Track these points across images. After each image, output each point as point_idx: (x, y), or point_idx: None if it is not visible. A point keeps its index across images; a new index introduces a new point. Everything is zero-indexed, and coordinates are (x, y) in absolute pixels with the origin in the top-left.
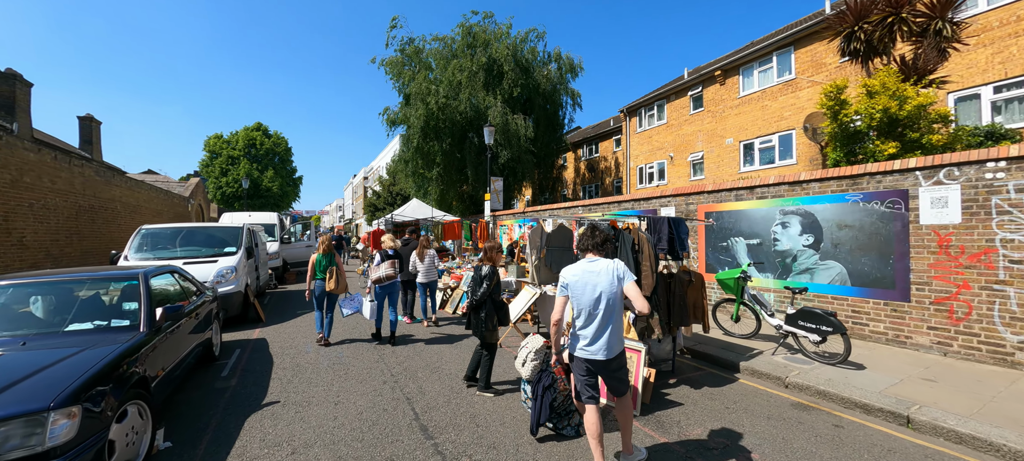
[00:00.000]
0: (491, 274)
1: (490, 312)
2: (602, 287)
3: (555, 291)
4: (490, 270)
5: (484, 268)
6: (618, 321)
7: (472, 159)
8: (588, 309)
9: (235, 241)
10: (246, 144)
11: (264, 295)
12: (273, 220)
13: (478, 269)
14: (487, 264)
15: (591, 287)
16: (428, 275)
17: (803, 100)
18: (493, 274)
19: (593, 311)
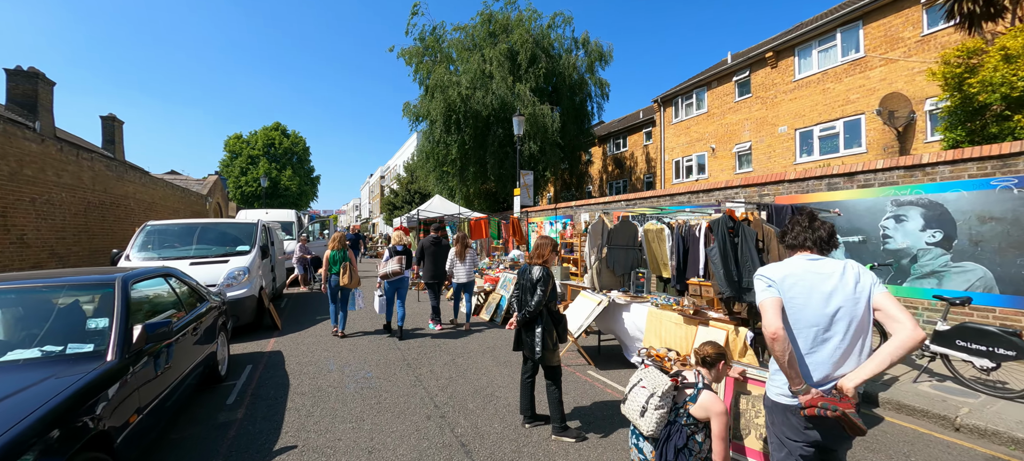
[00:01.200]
0: (545, 279)
1: (548, 327)
2: (840, 297)
3: (626, 298)
4: (543, 274)
5: (535, 270)
6: (862, 352)
7: (496, 153)
8: (816, 329)
9: (249, 239)
10: (265, 144)
11: (281, 297)
12: (291, 217)
13: (525, 272)
14: (538, 264)
15: (821, 296)
16: (468, 275)
17: (874, 81)
18: (548, 279)
19: (825, 333)
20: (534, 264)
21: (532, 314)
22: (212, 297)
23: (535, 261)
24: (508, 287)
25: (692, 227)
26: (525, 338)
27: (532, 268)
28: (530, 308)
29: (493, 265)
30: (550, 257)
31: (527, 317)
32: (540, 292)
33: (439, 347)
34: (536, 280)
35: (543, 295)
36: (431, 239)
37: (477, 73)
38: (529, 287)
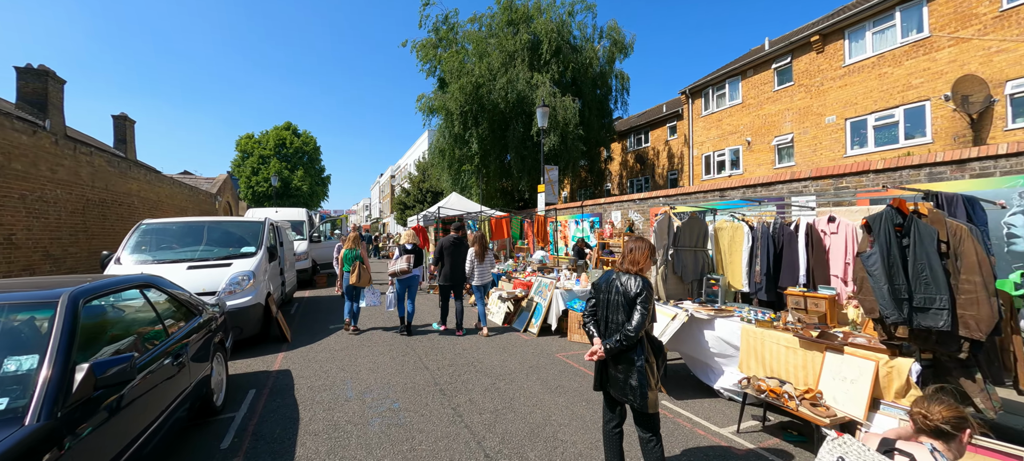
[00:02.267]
0: (647, 294)
1: (648, 360)
2: None
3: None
4: (643, 287)
5: (631, 282)
6: None
7: (516, 148)
8: None
9: (254, 239)
10: (276, 144)
11: (291, 302)
12: (302, 216)
13: (612, 283)
14: (632, 272)
15: None
16: (486, 277)
17: (942, 63)
18: (650, 295)
19: None
20: (627, 272)
21: (631, 341)
22: (207, 309)
23: (628, 268)
24: (544, 293)
25: (785, 224)
26: (615, 374)
27: (626, 278)
28: (630, 333)
29: (518, 267)
30: (647, 265)
31: (622, 346)
32: (640, 311)
33: (473, 366)
34: (635, 295)
35: (644, 316)
36: (451, 239)
37: (495, 63)
38: (623, 304)
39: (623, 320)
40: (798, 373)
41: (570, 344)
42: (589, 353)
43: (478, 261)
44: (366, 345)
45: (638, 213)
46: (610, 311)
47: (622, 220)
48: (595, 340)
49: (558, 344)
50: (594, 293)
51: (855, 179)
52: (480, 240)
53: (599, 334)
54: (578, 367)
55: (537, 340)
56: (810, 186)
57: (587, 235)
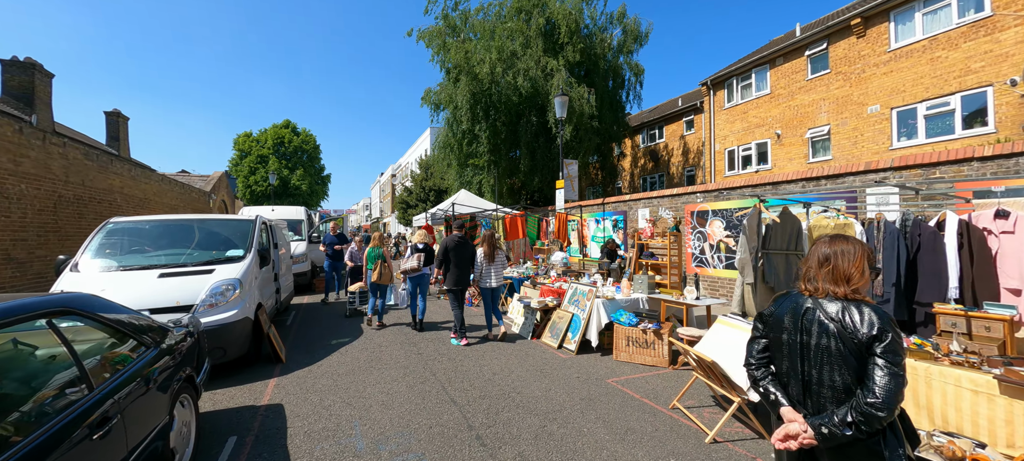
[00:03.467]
0: (892, 338)
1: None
2: None
3: None
4: (881, 323)
5: (855, 314)
6: None
7: (528, 142)
8: None
9: (242, 241)
10: (275, 142)
11: (287, 311)
12: (300, 215)
13: (807, 312)
14: (846, 298)
15: None
16: (498, 279)
17: (1007, 44)
18: (896, 338)
19: None
20: (833, 296)
21: (877, 425)
22: (172, 333)
23: (832, 290)
24: (582, 302)
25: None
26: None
27: (837, 308)
28: (875, 410)
29: (539, 270)
30: (864, 282)
31: (858, 432)
32: (888, 370)
33: (511, 398)
34: (870, 339)
35: (897, 378)
36: (456, 239)
37: (506, 52)
38: (843, 353)
39: (848, 382)
40: (998, 430)
41: (619, 365)
42: (779, 436)
43: (487, 262)
44: (375, 365)
45: (669, 211)
46: (811, 364)
47: (650, 218)
48: (786, 412)
49: (604, 365)
50: (762, 329)
51: (954, 168)
52: (489, 239)
53: (791, 401)
54: (640, 398)
55: (577, 359)
56: (891, 177)
57: (609, 235)
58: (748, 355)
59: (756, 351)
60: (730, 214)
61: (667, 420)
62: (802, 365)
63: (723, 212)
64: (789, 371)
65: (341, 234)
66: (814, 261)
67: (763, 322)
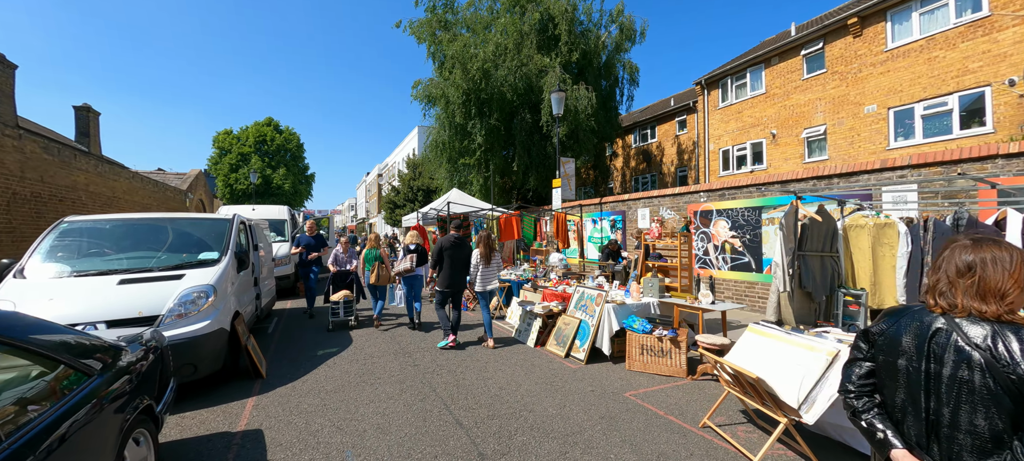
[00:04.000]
0: None
1: None
2: None
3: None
4: None
5: (1013, 342)
6: None
7: (522, 140)
8: None
9: (218, 242)
10: (256, 140)
11: (269, 316)
12: (283, 215)
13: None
14: (998, 319)
15: None
16: (490, 282)
17: (1005, 44)
18: None
19: None
20: (979, 315)
21: None
22: (125, 353)
23: (979, 308)
24: (590, 307)
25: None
26: None
27: (982, 332)
28: None
29: (537, 272)
30: (1020, 302)
31: None
32: None
33: (523, 417)
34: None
35: None
36: (452, 239)
37: (500, 46)
38: (992, 391)
39: (998, 429)
40: None
41: (633, 376)
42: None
43: (484, 263)
44: (368, 380)
45: (671, 210)
46: (941, 400)
47: (658, 218)
48: (900, 456)
49: (618, 376)
50: (867, 350)
51: (978, 165)
52: (486, 240)
53: (907, 443)
54: (665, 415)
55: (587, 369)
56: (909, 175)
57: (608, 236)
58: (845, 380)
59: (857, 376)
60: (736, 214)
61: (700, 442)
62: (927, 400)
63: (728, 212)
64: (907, 405)
65: (320, 236)
66: (951, 270)
67: (869, 341)
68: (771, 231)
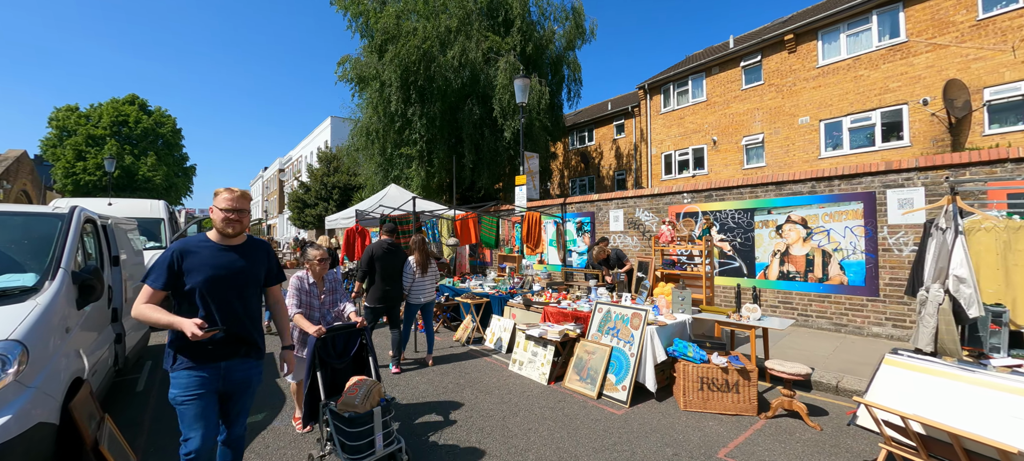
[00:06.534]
0: None
1: None
2: None
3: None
4: None
5: None
6: None
7: (471, 134)
8: None
9: (37, 255)
10: (114, 121)
11: (139, 362)
12: (157, 212)
13: None
14: None
15: None
16: (425, 294)
17: (919, 68)
18: None
19: None
20: None
21: None
22: None
23: None
24: (623, 331)
25: None
26: None
27: None
28: None
29: (515, 283)
30: None
31: None
32: None
33: None
34: None
35: None
36: (384, 246)
37: (442, 24)
38: None
39: None
40: None
41: (696, 420)
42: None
43: (421, 272)
44: None
45: (649, 212)
46: None
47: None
48: None
49: (682, 422)
50: None
51: (986, 169)
52: (420, 246)
53: None
54: None
55: (635, 414)
56: (916, 177)
57: (573, 240)
58: None
59: None
60: (725, 216)
61: None
62: None
63: (717, 214)
64: None
65: None
66: None
67: None
68: (765, 234)
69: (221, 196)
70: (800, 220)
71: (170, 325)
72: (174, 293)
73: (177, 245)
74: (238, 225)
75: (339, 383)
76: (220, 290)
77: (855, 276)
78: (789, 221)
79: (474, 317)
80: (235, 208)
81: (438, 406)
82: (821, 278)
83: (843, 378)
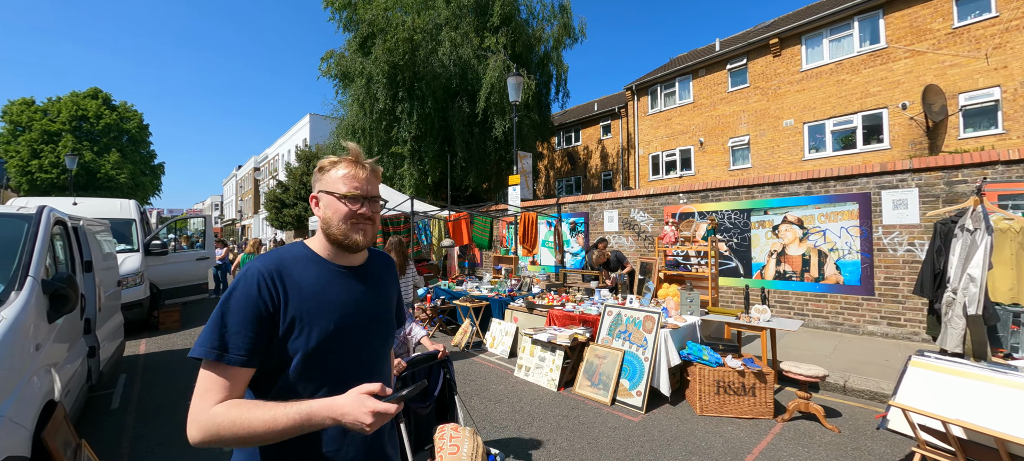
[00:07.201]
0: None
1: None
2: None
3: None
4: None
5: None
6: None
7: (461, 132)
8: None
9: (7, 260)
10: (74, 116)
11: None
12: (129, 212)
13: None
14: None
15: None
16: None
17: (898, 74)
18: None
19: None
20: None
21: None
22: None
23: None
24: (635, 334)
25: None
26: None
27: None
28: None
29: (515, 286)
30: None
31: None
32: None
33: None
34: None
35: None
36: None
37: (431, 20)
38: None
39: None
40: None
41: (714, 425)
42: None
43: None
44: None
45: (645, 212)
46: None
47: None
48: None
49: (702, 428)
50: None
51: (978, 171)
52: (397, 248)
53: None
54: None
55: (652, 420)
56: (910, 179)
57: (568, 241)
58: None
59: None
60: (722, 216)
61: None
62: None
63: (715, 215)
64: None
65: None
66: None
67: None
68: (761, 235)
69: (339, 171)
70: (796, 220)
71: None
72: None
73: (262, 267)
74: (371, 230)
75: (422, 435)
76: (352, 352)
77: (851, 276)
78: (785, 221)
79: (474, 321)
80: (367, 194)
81: None
82: (817, 278)
83: (849, 378)
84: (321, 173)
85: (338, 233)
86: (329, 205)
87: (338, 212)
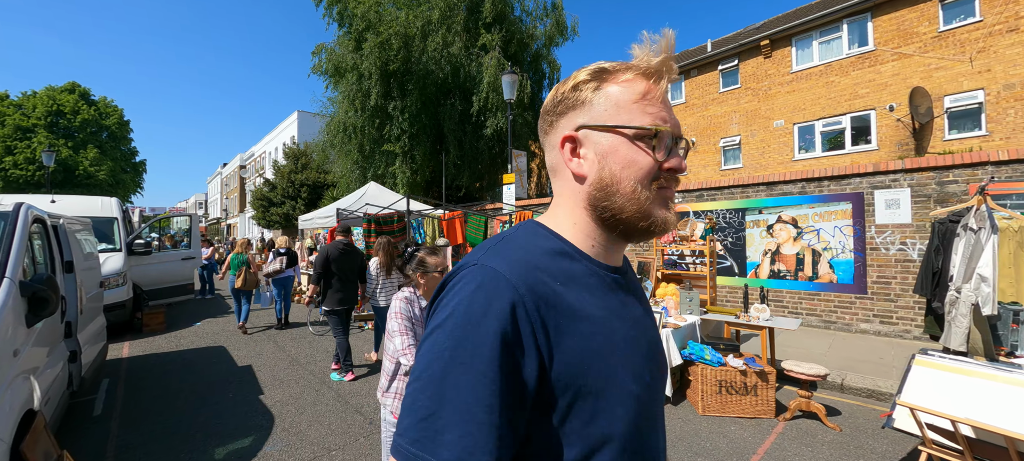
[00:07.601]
0: None
1: None
2: None
3: None
4: None
5: None
6: None
7: (454, 131)
8: None
9: None
10: (49, 111)
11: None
12: (111, 211)
13: None
14: None
15: None
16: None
17: (886, 76)
18: None
19: None
20: None
21: None
22: None
23: None
24: None
25: None
26: None
27: None
28: None
29: None
30: None
31: None
32: None
33: None
34: None
35: None
36: (340, 247)
37: (423, 16)
38: None
39: None
40: None
41: (720, 425)
42: None
43: (385, 274)
44: None
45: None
46: None
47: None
48: None
49: (707, 429)
50: None
51: (968, 172)
52: (386, 248)
53: None
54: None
55: None
56: (902, 179)
57: None
58: None
59: None
60: (717, 216)
61: None
62: None
63: (711, 214)
64: None
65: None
66: None
67: None
68: (756, 234)
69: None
70: (790, 220)
71: None
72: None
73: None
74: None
75: None
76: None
77: (844, 274)
78: (780, 221)
79: None
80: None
81: None
82: (811, 276)
83: (846, 376)
84: (592, 89)
85: (634, 209)
86: (613, 152)
87: (635, 166)
